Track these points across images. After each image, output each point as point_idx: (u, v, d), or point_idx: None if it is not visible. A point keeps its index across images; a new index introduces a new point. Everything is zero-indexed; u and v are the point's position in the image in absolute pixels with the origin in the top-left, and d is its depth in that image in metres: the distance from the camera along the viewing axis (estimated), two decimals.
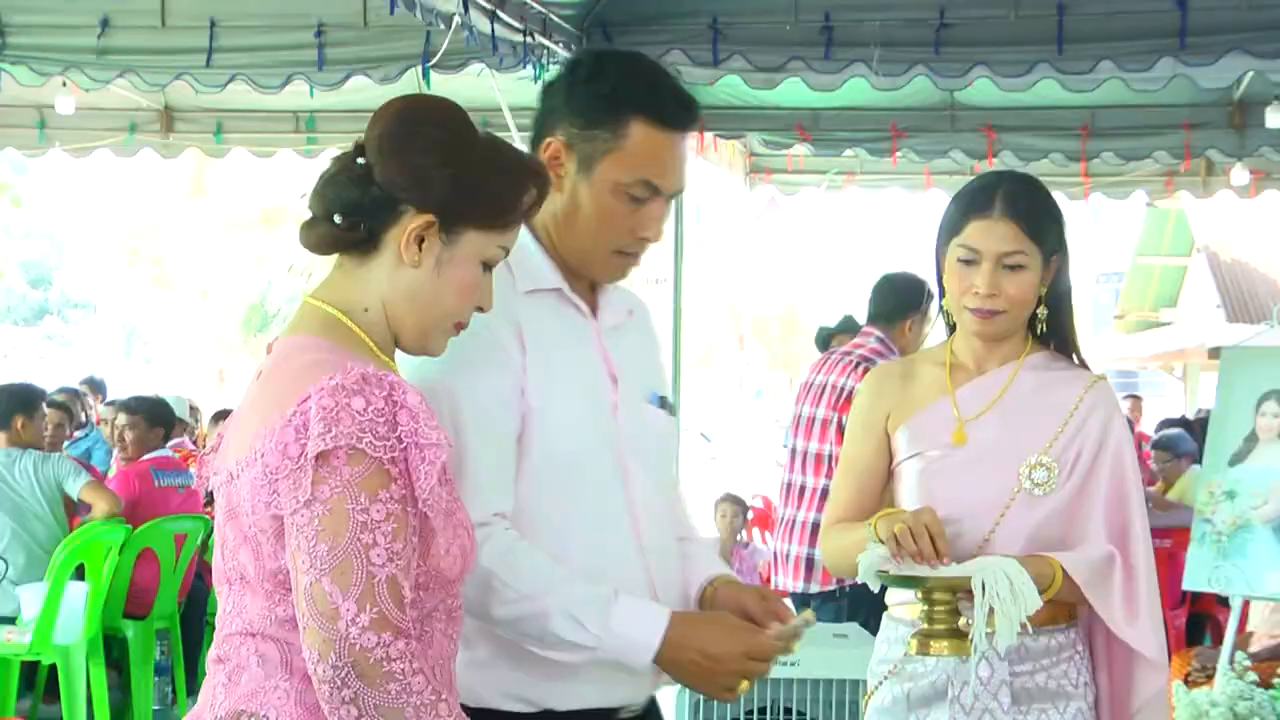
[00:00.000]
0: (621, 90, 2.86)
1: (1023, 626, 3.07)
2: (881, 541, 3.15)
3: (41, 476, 8.30)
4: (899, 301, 7.37)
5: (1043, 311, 3.38)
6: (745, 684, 2.84)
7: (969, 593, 3.04)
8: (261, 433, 2.29)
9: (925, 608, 3.10)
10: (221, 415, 11.57)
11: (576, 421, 2.84)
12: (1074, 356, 3.46)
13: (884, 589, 3.35)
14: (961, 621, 3.08)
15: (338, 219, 2.44)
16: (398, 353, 2.54)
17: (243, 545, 2.33)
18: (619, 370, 2.95)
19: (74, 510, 8.56)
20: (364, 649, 2.16)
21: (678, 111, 2.91)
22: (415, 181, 2.40)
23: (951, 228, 3.34)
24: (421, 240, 2.40)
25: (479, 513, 2.62)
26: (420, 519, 2.30)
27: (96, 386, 14.37)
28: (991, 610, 3.02)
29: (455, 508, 2.40)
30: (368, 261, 2.45)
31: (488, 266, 2.47)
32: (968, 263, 3.29)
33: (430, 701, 2.20)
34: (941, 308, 3.45)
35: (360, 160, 2.45)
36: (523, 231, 2.75)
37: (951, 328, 3.46)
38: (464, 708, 2.46)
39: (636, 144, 2.84)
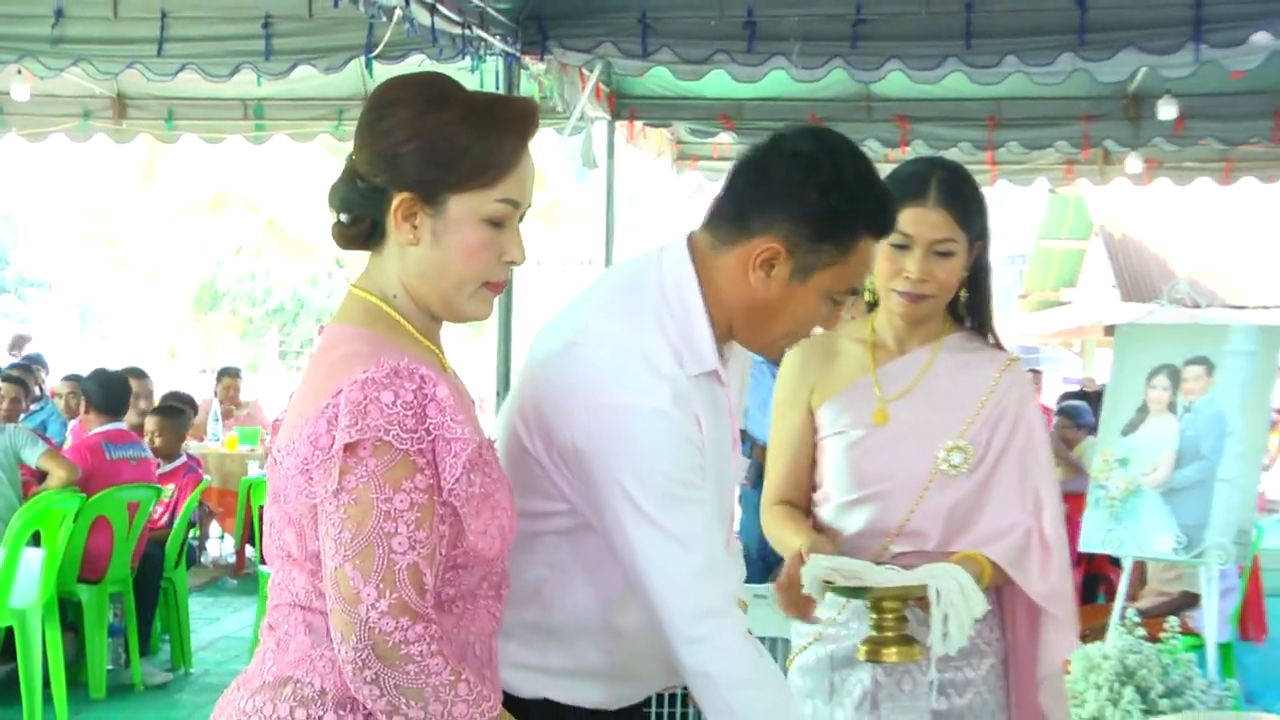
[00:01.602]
0: (859, 209, 2.71)
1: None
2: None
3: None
4: None
5: (964, 294, 3.38)
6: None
7: (918, 600, 3.04)
8: (299, 423, 2.29)
9: (875, 616, 3.08)
10: (173, 396, 11.51)
11: (718, 478, 2.74)
12: (990, 337, 3.46)
13: None
14: (909, 628, 3.08)
15: (344, 218, 2.44)
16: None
17: (287, 527, 2.33)
18: (737, 433, 2.90)
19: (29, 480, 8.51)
20: (383, 632, 2.17)
21: (892, 222, 2.84)
22: (386, 165, 2.37)
23: None
24: (412, 217, 2.37)
25: (708, 596, 2.58)
26: (448, 506, 2.29)
27: (37, 362, 14.19)
28: (946, 615, 3.02)
29: (494, 490, 2.37)
30: (383, 250, 2.43)
31: (496, 222, 2.40)
32: (900, 247, 3.26)
33: (449, 681, 2.21)
34: (865, 287, 3.42)
35: (352, 157, 2.43)
36: (700, 311, 2.70)
37: (871, 305, 3.45)
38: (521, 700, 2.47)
39: (858, 259, 2.73)
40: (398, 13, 8.14)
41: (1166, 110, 11.29)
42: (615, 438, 2.54)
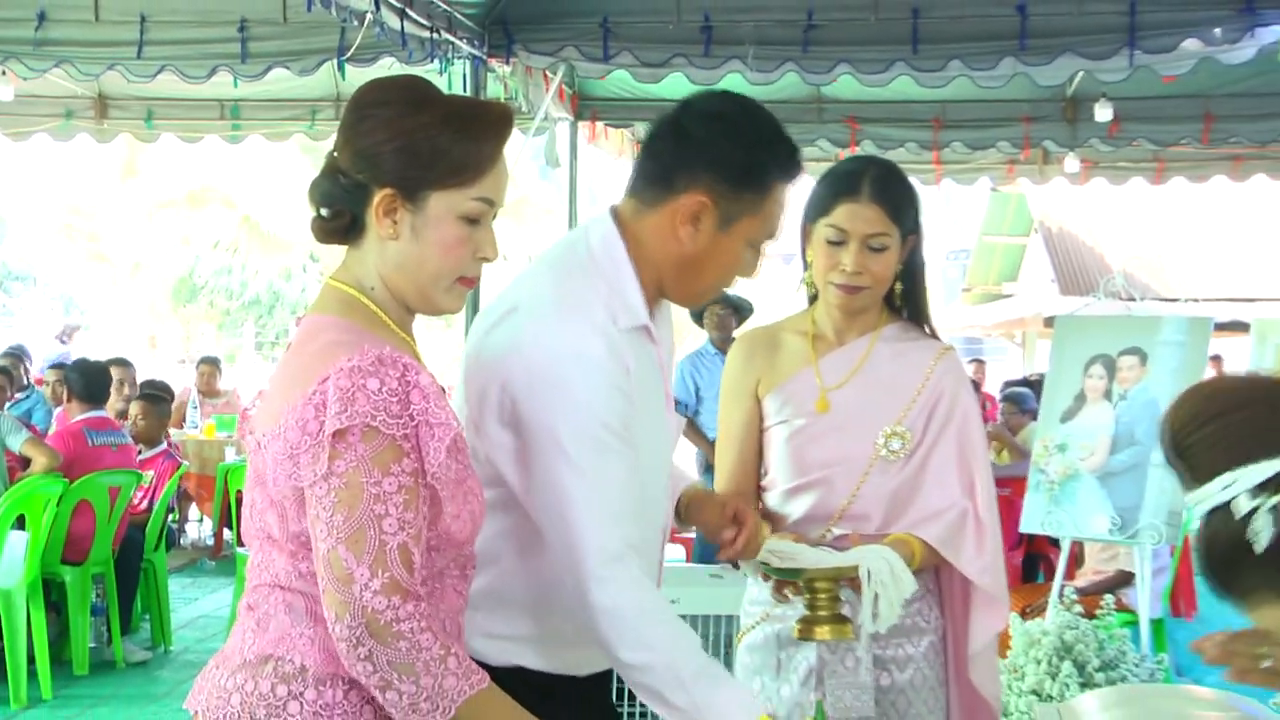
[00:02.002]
0: (770, 156, 2.81)
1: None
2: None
3: None
4: None
5: (899, 286, 3.39)
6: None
7: (850, 580, 3.04)
8: (285, 409, 2.28)
9: (808, 596, 3.07)
10: (149, 385, 11.48)
11: (648, 441, 2.78)
12: (925, 327, 3.47)
13: None
14: (842, 607, 3.08)
15: (324, 212, 2.42)
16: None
17: (269, 509, 2.33)
18: (669, 389, 2.95)
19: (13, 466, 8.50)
20: (376, 611, 2.17)
21: (799, 166, 2.89)
22: (368, 162, 2.37)
23: (820, 208, 3.32)
24: (393, 213, 2.37)
25: (617, 540, 2.62)
26: (430, 489, 2.29)
27: (22, 353, 14.11)
28: (876, 595, 3.03)
29: (466, 476, 2.38)
30: (361, 244, 2.42)
31: (472, 220, 2.40)
32: (836, 243, 3.27)
33: (439, 656, 2.21)
34: (804, 280, 3.43)
35: (334, 153, 2.43)
36: (627, 268, 2.77)
37: (812, 299, 3.45)
38: (492, 668, 2.47)
39: (773, 204, 2.83)
40: (368, 17, 8.14)
41: (1102, 113, 11.36)
42: (550, 385, 2.59)
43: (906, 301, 3.42)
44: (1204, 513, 2.05)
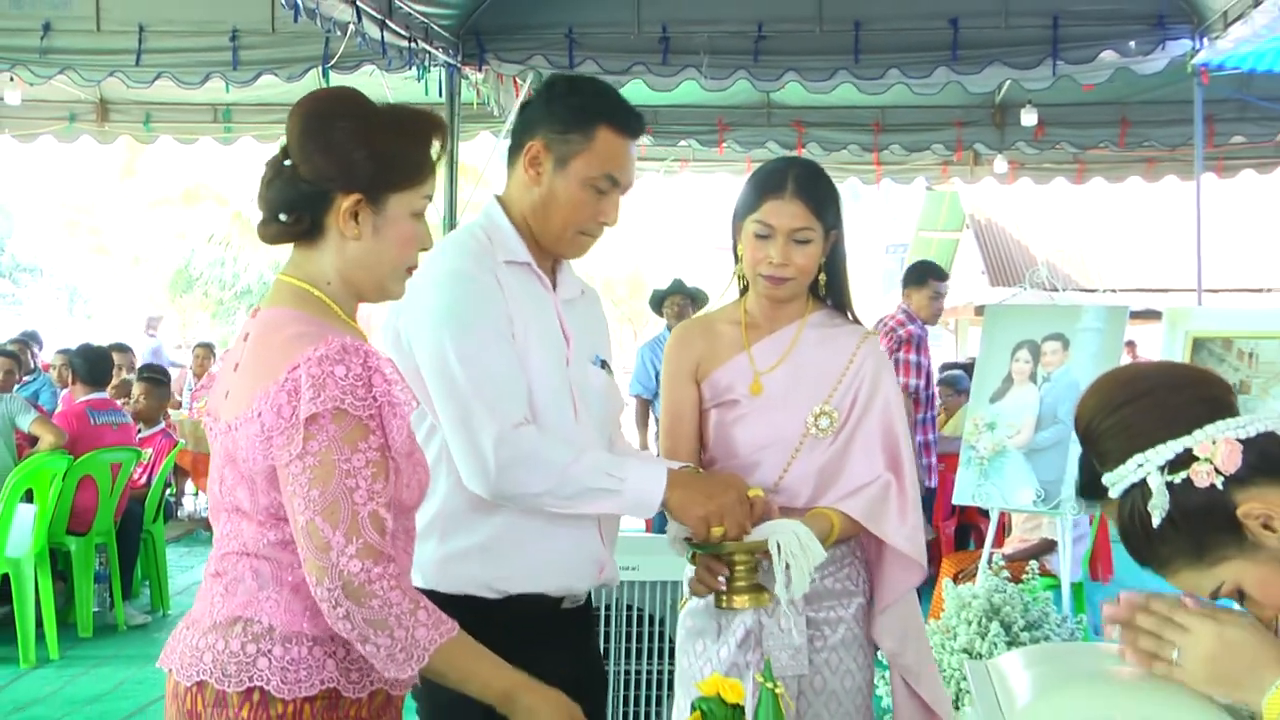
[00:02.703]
0: (592, 105, 3.01)
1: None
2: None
3: None
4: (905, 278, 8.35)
5: (823, 277, 3.39)
6: (719, 530, 2.95)
7: (765, 553, 3.05)
8: (258, 395, 2.30)
9: (728, 569, 3.08)
10: (148, 368, 11.44)
11: (541, 365, 2.94)
12: (849, 314, 3.47)
13: None
14: (760, 577, 3.09)
15: (284, 217, 2.42)
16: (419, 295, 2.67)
17: (240, 484, 2.35)
18: (570, 333, 3.06)
19: (22, 444, 8.48)
20: (351, 574, 2.21)
21: (632, 121, 3.05)
22: (338, 170, 2.38)
23: (748, 206, 3.32)
24: (356, 215, 2.39)
25: (515, 415, 2.81)
26: (394, 461, 2.34)
27: (32, 339, 14.09)
28: (787, 565, 3.04)
29: (413, 448, 2.43)
30: (318, 244, 2.43)
31: (418, 215, 2.46)
32: (763, 237, 3.28)
33: (409, 610, 2.26)
34: (735, 273, 3.44)
35: (287, 162, 2.42)
36: (500, 215, 3.03)
37: (743, 290, 3.45)
38: (438, 594, 2.58)
39: (602, 146, 2.99)
40: (351, 28, 8.17)
41: (1028, 118, 11.44)
42: (429, 297, 2.83)
43: (830, 290, 3.42)
44: (1120, 492, 2.08)
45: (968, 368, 12.01)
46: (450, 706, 2.52)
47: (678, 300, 9.75)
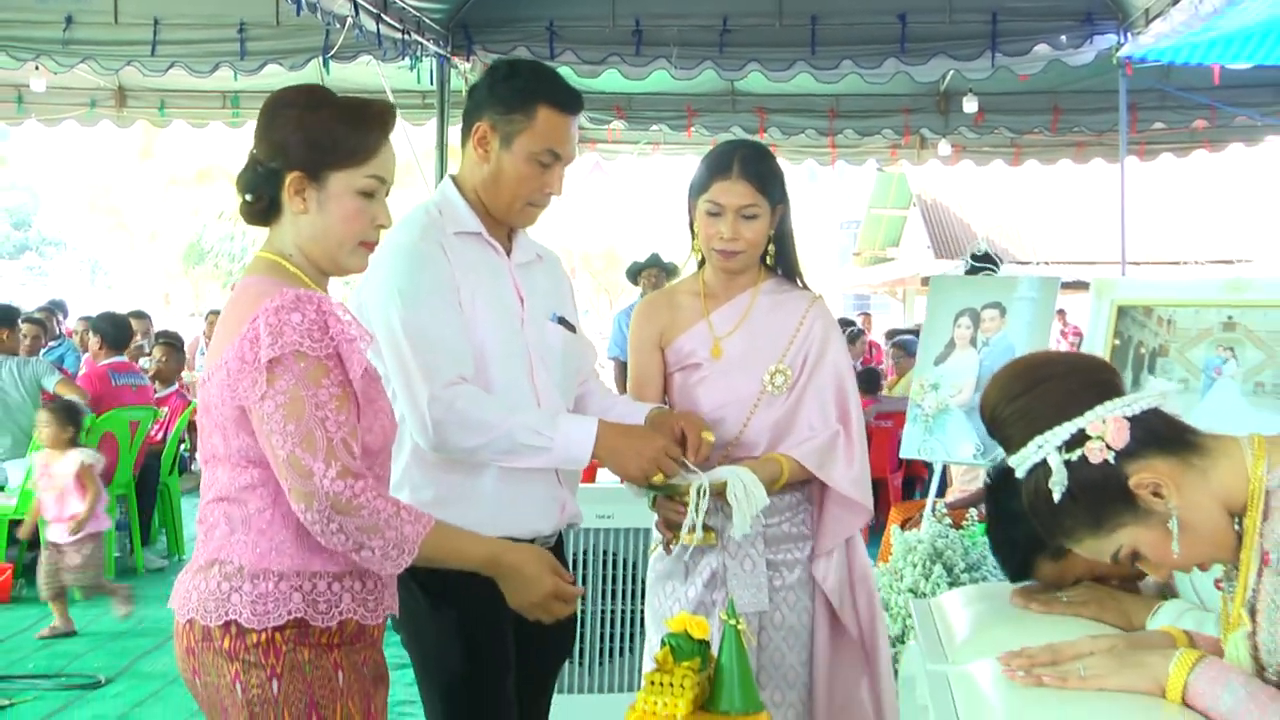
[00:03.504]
0: (531, 86, 2.99)
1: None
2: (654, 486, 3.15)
3: (23, 376, 8.22)
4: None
5: (772, 249, 3.40)
6: (660, 475, 2.98)
7: (717, 495, 3.06)
8: (225, 347, 2.35)
9: (681, 506, 3.10)
10: (162, 334, 11.41)
11: (492, 327, 2.95)
12: (798, 281, 3.47)
13: None
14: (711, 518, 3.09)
15: (249, 197, 2.49)
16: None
17: (215, 431, 2.39)
18: (525, 295, 3.06)
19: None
20: (337, 494, 2.27)
21: (570, 100, 3.04)
22: (279, 152, 2.44)
23: (700, 186, 3.32)
24: (302, 191, 2.43)
25: (449, 375, 2.83)
26: (353, 396, 2.38)
27: (58, 307, 14.04)
28: (734, 505, 3.06)
29: (376, 395, 2.46)
30: (280, 220, 2.48)
31: (368, 194, 2.47)
32: (714, 215, 3.29)
33: (393, 512, 2.33)
34: (692, 248, 3.44)
35: (253, 150, 2.50)
36: (453, 191, 3.05)
37: (700, 263, 3.45)
38: None
39: (543, 124, 2.98)
40: (349, 21, 8.18)
41: (969, 105, 11.46)
42: (378, 268, 2.83)
43: (779, 260, 3.42)
44: (1025, 472, 2.12)
45: (915, 334, 12.07)
46: (433, 633, 2.53)
47: (653, 273, 9.75)
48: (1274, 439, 2.09)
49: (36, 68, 10.31)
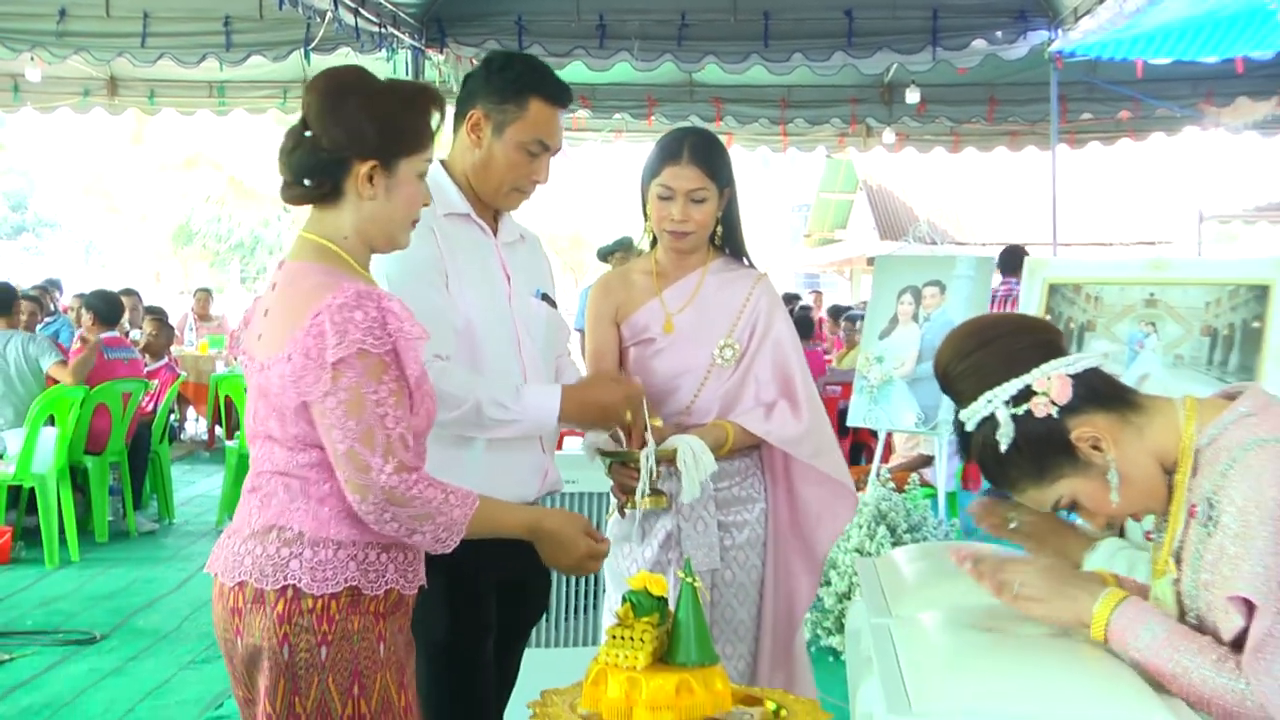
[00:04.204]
0: (525, 79, 2.96)
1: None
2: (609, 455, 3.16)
3: (26, 354, 8.16)
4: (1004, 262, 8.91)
5: (720, 230, 3.39)
6: (629, 417, 2.99)
7: (666, 462, 3.06)
8: (288, 339, 2.29)
9: (634, 472, 3.10)
10: (150, 310, 11.33)
11: (480, 301, 2.92)
12: (744, 260, 3.47)
13: None
14: (662, 482, 3.09)
15: (307, 182, 2.39)
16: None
17: (271, 415, 2.34)
18: (511, 273, 3.03)
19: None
20: (393, 488, 2.25)
21: (561, 93, 3.01)
22: (353, 139, 2.36)
23: (652, 171, 3.31)
24: (371, 178, 2.38)
25: (426, 355, 2.72)
26: (407, 393, 2.35)
27: (53, 285, 13.92)
28: (682, 471, 3.06)
29: (424, 380, 2.42)
30: (337, 205, 2.41)
31: (422, 175, 2.45)
32: (665, 198, 3.28)
33: (442, 499, 2.31)
34: (645, 230, 3.42)
35: (308, 133, 2.40)
36: (443, 174, 2.99)
37: (652, 244, 3.44)
38: None
39: (534, 115, 2.95)
40: (329, 15, 8.16)
41: (911, 96, 11.48)
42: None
43: (727, 240, 3.42)
44: (974, 425, 2.13)
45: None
46: (420, 600, 2.52)
47: (623, 254, 9.76)
48: (1205, 402, 2.11)
49: (32, 58, 10.25)
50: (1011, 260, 9.02)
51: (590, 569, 2.62)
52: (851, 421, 6.81)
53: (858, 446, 10.09)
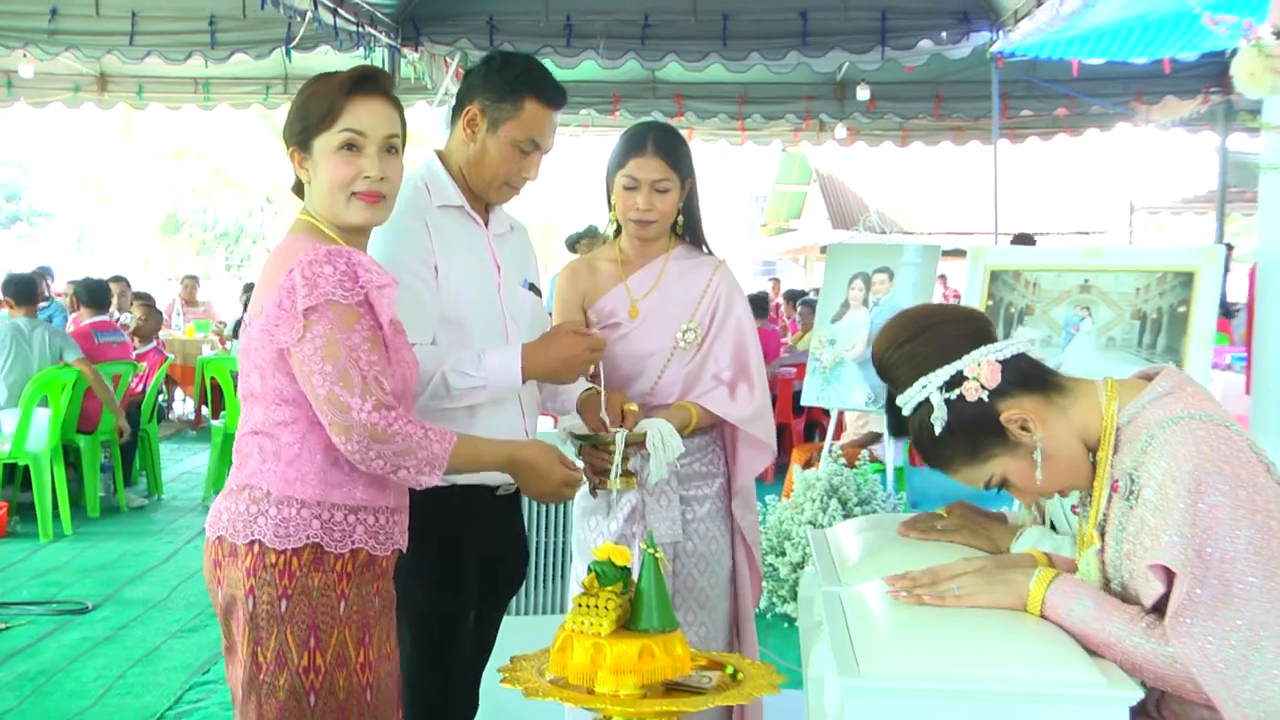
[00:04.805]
0: (522, 79, 2.90)
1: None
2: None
3: (51, 345, 8.06)
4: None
5: (681, 219, 3.38)
6: (591, 366, 2.97)
7: (636, 445, 3.05)
8: (265, 295, 2.35)
9: (606, 454, 3.09)
10: (138, 295, 11.24)
11: (470, 289, 2.88)
12: (704, 248, 3.46)
13: None
14: (629, 464, 3.09)
15: (294, 180, 2.54)
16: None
17: (253, 371, 2.38)
18: (501, 263, 2.99)
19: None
20: (373, 425, 2.28)
21: (555, 95, 2.95)
22: (286, 131, 2.49)
23: (617, 163, 3.29)
24: (300, 162, 2.47)
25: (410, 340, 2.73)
26: (382, 340, 2.37)
27: (47, 272, 13.80)
28: (652, 452, 3.06)
29: (401, 344, 2.45)
30: (306, 188, 2.50)
31: (350, 146, 2.44)
32: (630, 188, 3.26)
33: (421, 435, 2.33)
34: (610, 219, 3.40)
35: None
36: (439, 166, 2.96)
37: (616, 233, 3.42)
38: None
39: (528, 115, 2.90)
40: (309, 14, 8.11)
41: (862, 94, 11.51)
42: (372, 243, 2.63)
43: (687, 229, 3.40)
44: (910, 410, 2.14)
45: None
46: (406, 572, 2.51)
47: (590, 242, 9.72)
48: (1125, 382, 2.13)
49: (24, 55, 10.17)
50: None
51: (566, 495, 2.63)
52: (805, 401, 6.82)
53: (811, 424, 10.11)
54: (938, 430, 2.09)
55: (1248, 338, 4.07)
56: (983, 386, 2.07)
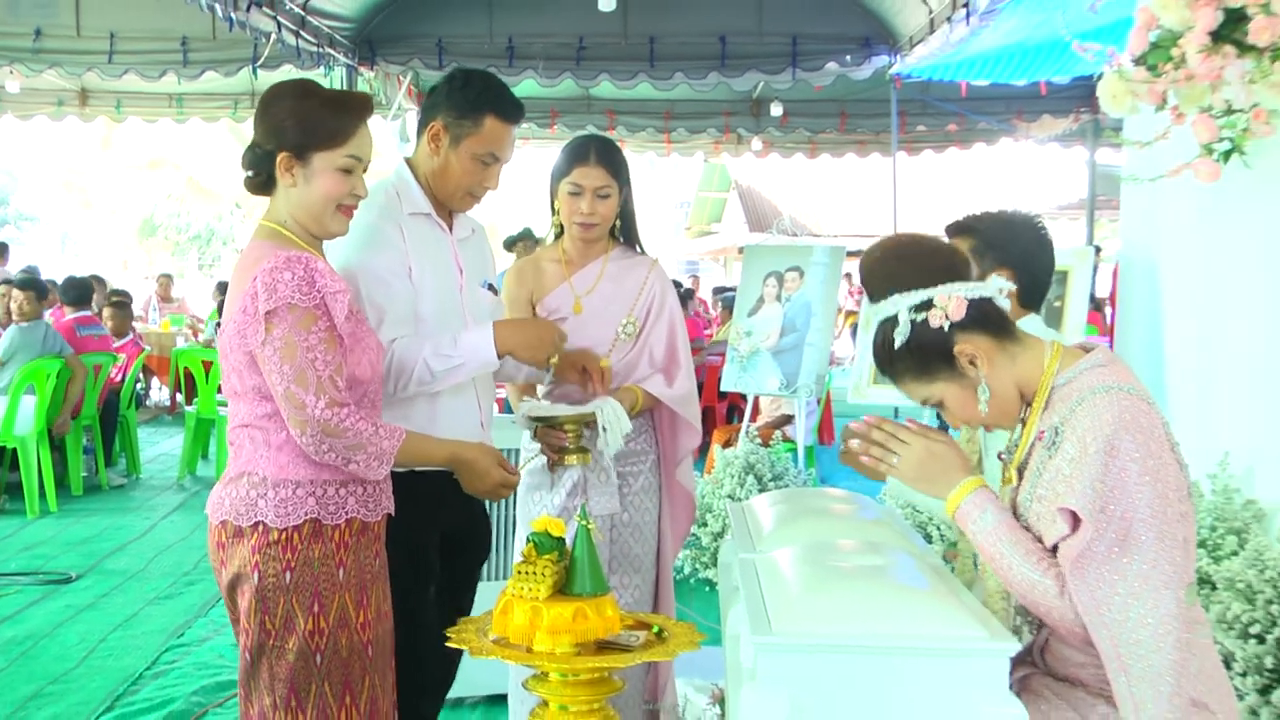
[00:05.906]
0: (482, 97, 2.86)
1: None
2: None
3: (50, 343, 7.88)
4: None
5: (619, 223, 3.37)
6: (555, 358, 2.95)
7: (589, 424, 3.04)
8: (233, 304, 2.33)
9: (562, 434, 3.09)
10: (116, 292, 11.04)
11: (437, 291, 2.82)
12: (639, 249, 3.45)
13: None
14: (584, 441, 3.08)
15: (250, 174, 2.44)
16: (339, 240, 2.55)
17: (231, 373, 2.37)
18: (464, 265, 2.94)
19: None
20: (326, 420, 2.27)
21: (513, 111, 2.91)
22: (275, 134, 2.39)
23: (562, 171, 3.27)
24: (291, 169, 2.39)
25: (387, 336, 2.71)
26: (340, 338, 2.34)
27: (32, 272, 13.52)
28: (605, 430, 3.05)
29: (363, 333, 2.42)
30: (275, 193, 2.43)
31: (348, 170, 2.41)
32: (575, 194, 3.25)
33: (371, 431, 2.32)
34: (553, 223, 3.38)
35: (254, 135, 2.44)
36: (408, 174, 2.89)
37: (558, 235, 3.41)
38: None
39: (488, 131, 2.85)
40: (274, 36, 8.07)
41: (776, 110, 11.56)
42: (347, 241, 2.61)
43: (624, 232, 3.39)
44: (879, 320, 2.15)
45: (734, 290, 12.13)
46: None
47: (526, 244, 9.68)
48: (1068, 349, 2.17)
49: (11, 72, 10.11)
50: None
51: (502, 495, 2.63)
52: (724, 387, 6.84)
53: (731, 408, 10.15)
54: (897, 345, 2.10)
55: (1111, 327, 4.15)
56: (947, 317, 2.08)
